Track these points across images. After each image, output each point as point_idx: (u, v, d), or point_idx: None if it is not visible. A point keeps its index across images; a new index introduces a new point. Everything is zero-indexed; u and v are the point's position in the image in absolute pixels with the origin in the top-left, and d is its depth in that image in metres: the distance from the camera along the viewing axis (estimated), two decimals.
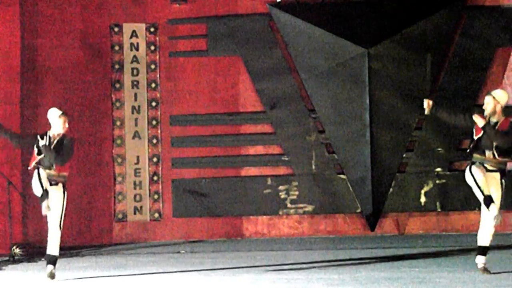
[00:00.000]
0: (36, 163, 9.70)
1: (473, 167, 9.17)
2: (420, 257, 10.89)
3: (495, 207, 9.06)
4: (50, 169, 9.67)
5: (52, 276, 9.63)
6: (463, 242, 12.56)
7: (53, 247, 9.77)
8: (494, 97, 9.21)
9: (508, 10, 13.73)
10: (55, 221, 9.76)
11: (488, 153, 9.17)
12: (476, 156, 9.22)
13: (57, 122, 9.83)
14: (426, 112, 9.49)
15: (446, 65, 13.78)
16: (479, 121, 9.13)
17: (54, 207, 9.66)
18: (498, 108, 9.19)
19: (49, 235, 9.78)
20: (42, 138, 9.75)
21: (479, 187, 9.18)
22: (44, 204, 9.55)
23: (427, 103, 9.43)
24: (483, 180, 9.14)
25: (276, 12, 13.91)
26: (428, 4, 13.72)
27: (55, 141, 9.77)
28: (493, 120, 9.17)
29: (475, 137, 9.22)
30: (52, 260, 9.72)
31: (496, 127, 9.14)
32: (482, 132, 9.16)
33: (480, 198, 9.21)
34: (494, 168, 9.22)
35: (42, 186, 9.52)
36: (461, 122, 9.47)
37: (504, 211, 13.65)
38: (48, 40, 13.76)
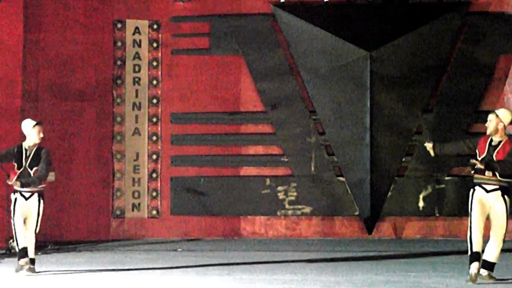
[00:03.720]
0: (16, 178, 9.67)
1: (473, 199, 9.00)
2: (417, 262, 10.88)
3: (475, 266, 8.88)
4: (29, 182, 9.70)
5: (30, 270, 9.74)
6: (460, 248, 12.55)
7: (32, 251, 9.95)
8: (497, 115, 9.06)
9: (510, 17, 13.73)
10: (31, 229, 9.91)
11: (488, 173, 8.98)
12: (477, 176, 9.04)
13: (31, 133, 9.76)
14: (432, 154, 9.44)
15: (448, 71, 13.77)
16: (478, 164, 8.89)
17: (31, 218, 9.84)
18: (501, 127, 9.03)
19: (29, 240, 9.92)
20: (19, 151, 9.75)
21: (471, 234, 8.95)
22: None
23: (429, 147, 9.40)
24: (477, 222, 8.93)
25: (280, 12, 13.91)
26: (431, 9, 13.72)
27: (32, 153, 9.73)
28: (496, 139, 9.03)
29: (479, 158, 9.00)
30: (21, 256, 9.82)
31: (499, 148, 8.99)
32: (485, 153, 9.04)
33: (469, 247, 9.03)
34: (495, 187, 8.97)
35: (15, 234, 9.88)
36: (465, 149, 9.39)
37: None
38: (50, 34, 13.75)
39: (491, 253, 8.99)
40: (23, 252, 9.76)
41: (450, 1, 13.79)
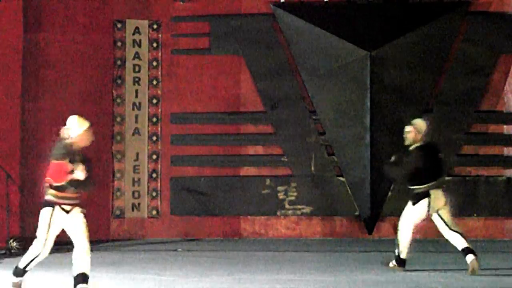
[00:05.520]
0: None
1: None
2: (416, 262, 10.87)
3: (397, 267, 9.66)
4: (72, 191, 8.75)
5: None
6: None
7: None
8: (414, 126, 9.74)
9: (511, 17, 13.73)
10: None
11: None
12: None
13: (83, 135, 8.57)
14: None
15: (447, 71, 13.78)
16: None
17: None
18: (419, 137, 9.72)
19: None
20: (74, 154, 8.50)
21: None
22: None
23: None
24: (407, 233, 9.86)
25: (280, 12, 13.91)
26: (431, 9, 13.72)
27: (81, 159, 8.56)
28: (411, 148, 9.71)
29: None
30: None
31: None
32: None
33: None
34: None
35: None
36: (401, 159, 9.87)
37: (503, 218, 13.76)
38: (50, 34, 13.74)
39: None
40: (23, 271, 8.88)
41: (450, 1, 13.80)
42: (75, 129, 8.59)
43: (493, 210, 13.76)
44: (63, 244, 12.84)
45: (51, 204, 8.80)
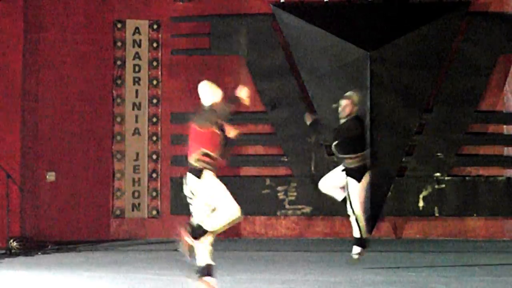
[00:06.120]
0: None
1: None
2: (416, 262, 10.88)
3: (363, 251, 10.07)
4: None
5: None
6: (460, 248, 12.58)
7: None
8: (351, 99, 9.97)
9: (511, 17, 13.74)
10: None
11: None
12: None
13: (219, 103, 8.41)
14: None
15: (447, 71, 13.78)
16: (307, 118, 10.15)
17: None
18: (354, 109, 9.98)
19: None
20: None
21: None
22: None
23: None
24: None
25: (280, 12, 13.91)
26: (431, 9, 13.73)
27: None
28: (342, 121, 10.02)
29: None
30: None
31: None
32: None
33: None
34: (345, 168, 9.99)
35: None
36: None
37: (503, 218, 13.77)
38: (50, 34, 13.74)
39: None
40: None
41: (450, 1, 13.80)
42: (211, 97, 8.62)
43: (493, 210, 13.76)
44: (63, 244, 12.90)
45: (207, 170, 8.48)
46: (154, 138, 14.17)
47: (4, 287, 8.98)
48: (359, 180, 9.94)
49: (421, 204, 13.81)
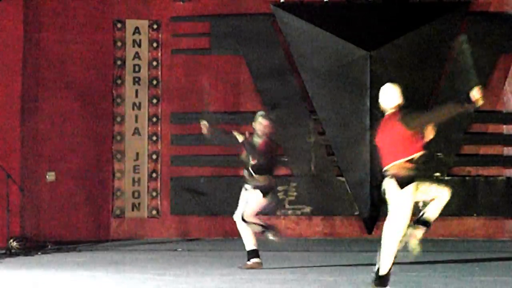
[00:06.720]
0: None
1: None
2: (416, 262, 10.87)
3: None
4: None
5: None
6: (460, 248, 12.58)
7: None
8: (270, 120, 10.13)
9: (511, 17, 13.74)
10: None
11: (246, 171, 10.06)
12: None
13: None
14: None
15: (447, 70, 13.78)
16: (239, 137, 9.91)
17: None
18: (267, 130, 10.02)
19: None
20: None
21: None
22: None
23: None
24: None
25: (280, 12, 13.91)
26: (431, 9, 13.73)
27: None
28: (257, 140, 9.98)
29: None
30: None
31: (257, 146, 9.94)
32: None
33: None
34: (251, 185, 10.03)
35: None
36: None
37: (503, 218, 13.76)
38: (50, 34, 13.75)
39: None
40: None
41: (450, 1, 13.80)
42: (398, 99, 8.71)
43: (493, 210, 13.76)
44: (63, 244, 12.90)
45: (411, 180, 8.15)
46: (154, 138, 14.17)
47: (4, 287, 8.97)
48: (264, 195, 10.11)
49: (420, 204, 13.79)
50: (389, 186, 8.02)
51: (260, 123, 10.12)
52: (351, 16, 13.82)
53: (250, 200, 10.11)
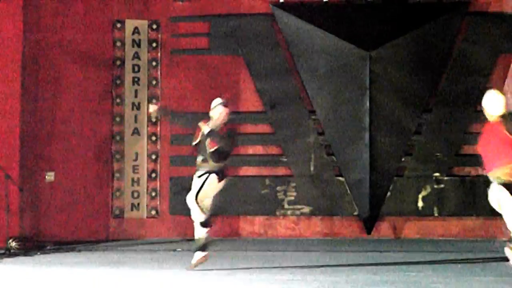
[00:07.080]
0: None
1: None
2: (415, 262, 10.88)
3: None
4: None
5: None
6: (459, 248, 12.58)
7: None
8: (228, 107, 10.40)
9: (511, 17, 13.74)
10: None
11: (201, 158, 10.29)
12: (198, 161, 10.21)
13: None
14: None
15: (447, 71, 13.79)
16: (205, 128, 10.20)
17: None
18: (227, 118, 10.38)
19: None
20: None
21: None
22: None
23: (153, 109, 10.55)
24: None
25: (279, 12, 13.91)
26: (431, 9, 13.73)
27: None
28: (215, 128, 10.25)
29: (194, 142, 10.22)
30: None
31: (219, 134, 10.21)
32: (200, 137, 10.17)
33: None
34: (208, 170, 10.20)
35: None
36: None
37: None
38: (50, 34, 13.75)
39: None
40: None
41: (450, 1, 13.80)
42: (504, 106, 8.73)
43: (493, 210, 13.70)
44: (62, 244, 12.90)
45: None
46: (154, 138, 14.17)
47: (4, 287, 8.97)
48: (220, 180, 10.34)
49: (420, 204, 13.82)
50: (498, 191, 8.59)
51: (220, 112, 10.32)
52: (350, 16, 13.83)
53: (206, 184, 10.27)
